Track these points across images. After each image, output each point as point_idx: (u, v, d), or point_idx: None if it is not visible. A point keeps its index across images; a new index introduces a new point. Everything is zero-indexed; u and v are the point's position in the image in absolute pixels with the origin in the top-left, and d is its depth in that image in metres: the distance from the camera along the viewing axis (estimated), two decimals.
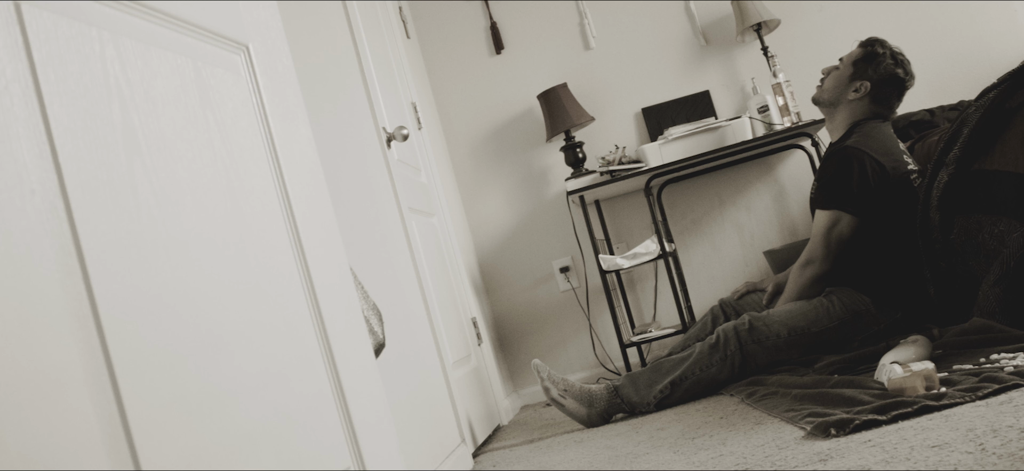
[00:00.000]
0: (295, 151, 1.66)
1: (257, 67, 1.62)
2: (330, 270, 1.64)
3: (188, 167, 1.30)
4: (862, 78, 3.64)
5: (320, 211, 1.69)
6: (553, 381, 3.55)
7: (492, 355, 4.83)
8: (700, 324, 3.95)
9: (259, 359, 1.33)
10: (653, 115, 5.26)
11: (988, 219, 2.83)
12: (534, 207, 5.42)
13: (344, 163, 3.09)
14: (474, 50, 5.51)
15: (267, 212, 1.50)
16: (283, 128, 1.64)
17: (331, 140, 3.01)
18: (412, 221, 3.81)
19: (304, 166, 1.68)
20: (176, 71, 1.36)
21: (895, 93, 3.62)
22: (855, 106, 3.64)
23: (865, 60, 3.65)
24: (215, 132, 1.41)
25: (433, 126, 5.21)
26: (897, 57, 3.62)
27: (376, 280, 2.97)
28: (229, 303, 1.29)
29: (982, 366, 2.44)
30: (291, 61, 1.79)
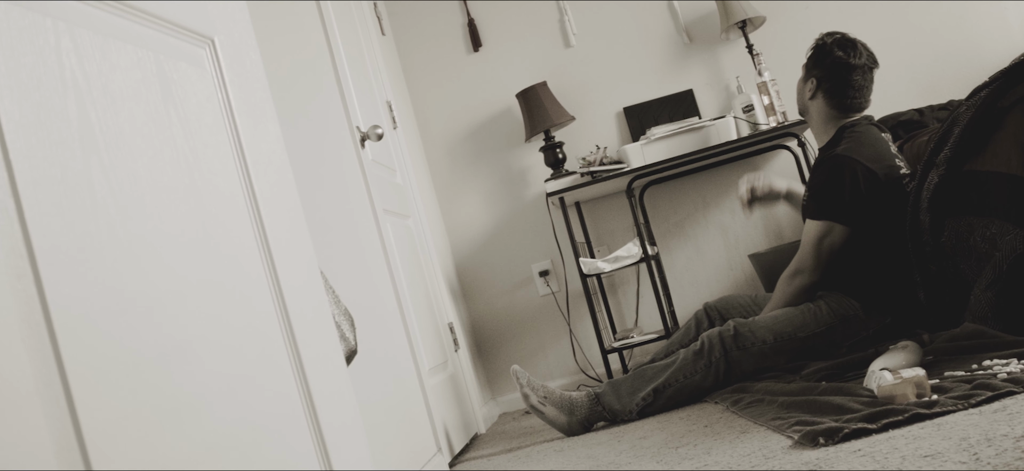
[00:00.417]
0: (263, 149, 1.63)
1: (223, 61, 1.59)
2: (299, 274, 1.61)
3: (149, 165, 1.27)
4: (810, 76, 3.65)
5: (289, 212, 1.66)
6: (532, 388, 3.52)
7: (469, 361, 4.81)
8: (684, 329, 3.93)
9: (224, 367, 1.30)
10: (635, 114, 5.25)
11: (980, 221, 2.82)
12: (513, 209, 5.40)
13: (316, 163, 3.07)
14: (451, 47, 5.49)
15: (233, 213, 1.47)
16: (250, 125, 1.61)
17: (302, 139, 2.98)
18: (387, 223, 3.78)
19: (272, 165, 1.65)
20: (137, 65, 1.32)
21: (849, 80, 3.56)
22: (819, 106, 3.64)
23: (812, 57, 3.65)
24: (178, 129, 1.38)
25: (409, 126, 5.19)
26: (843, 43, 3.58)
27: (349, 284, 2.94)
28: (192, 307, 1.26)
29: (974, 373, 2.43)
30: (259, 55, 1.76)
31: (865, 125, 3.58)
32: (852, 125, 3.57)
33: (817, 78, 3.61)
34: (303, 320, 1.57)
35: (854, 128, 3.55)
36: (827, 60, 3.58)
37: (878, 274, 3.47)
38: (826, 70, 3.58)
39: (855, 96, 3.57)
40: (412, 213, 4.51)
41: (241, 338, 1.37)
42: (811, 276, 3.50)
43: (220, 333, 1.32)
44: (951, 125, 3.03)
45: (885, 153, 3.47)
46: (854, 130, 3.55)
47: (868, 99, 3.61)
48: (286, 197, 1.67)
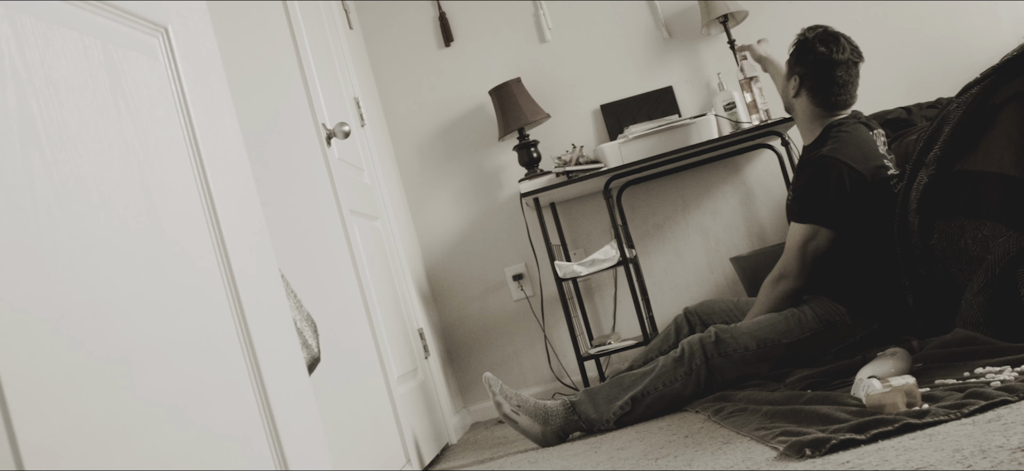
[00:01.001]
0: (220, 145, 1.59)
1: (177, 51, 1.55)
2: (259, 277, 1.58)
3: (95, 161, 1.23)
4: (793, 73, 3.65)
5: (248, 212, 1.62)
6: (505, 396, 3.50)
7: (440, 369, 4.79)
8: (663, 336, 3.91)
9: (177, 378, 1.26)
10: (613, 112, 5.24)
11: (971, 223, 2.81)
12: (485, 210, 5.38)
13: (279, 161, 3.04)
14: (421, 42, 5.46)
15: (187, 212, 1.43)
16: (206, 119, 1.57)
17: (264, 135, 2.95)
18: (354, 224, 3.76)
19: (230, 161, 1.61)
20: (83, 54, 1.28)
21: (833, 76, 3.55)
22: (804, 104, 3.64)
23: (794, 54, 3.66)
24: (128, 122, 1.34)
25: (377, 123, 5.17)
26: (826, 37, 3.57)
27: (313, 288, 2.91)
28: (142, 314, 1.23)
29: (966, 381, 2.41)
30: (216, 45, 1.72)
31: (853, 123, 3.57)
32: (839, 123, 3.56)
33: (800, 75, 3.60)
34: (262, 326, 1.53)
35: (841, 127, 3.54)
36: (809, 56, 3.57)
37: (865, 278, 3.46)
38: (809, 67, 3.57)
39: (840, 93, 3.56)
40: (380, 214, 4.48)
41: (195, 346, 1.34)
42: (796, 281, 3.49)
43: (172, 341, 1.28)
44: (941, 123, 3.02)
45: (872, 153, 3.46)
46: (841, 129, 3.53)
47: (854, 95, 3.60)
48: (244, 196, 1.63)
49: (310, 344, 1.90)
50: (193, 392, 1.29)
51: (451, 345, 5.37)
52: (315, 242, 3.20)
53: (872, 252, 3.42)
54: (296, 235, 2.97)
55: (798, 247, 3.47)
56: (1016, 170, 2.64)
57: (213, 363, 1.37)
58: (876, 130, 3.59)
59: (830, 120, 3.59)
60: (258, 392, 1.46)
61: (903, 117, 4.39)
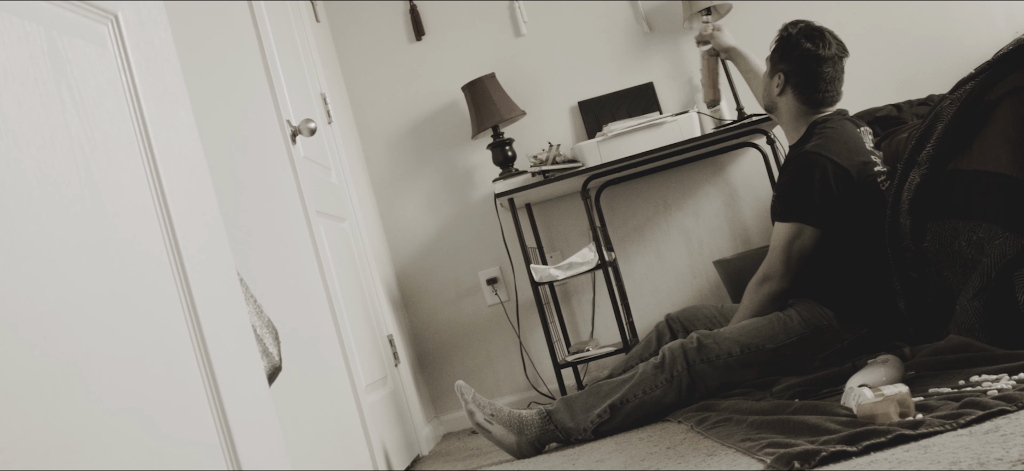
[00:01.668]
0: (173, 140, 1.55)
1: (128, 39, 1.51)
2: (215, 281, 1.54)
3: (36, 155, 1.19)
4: (776, 70, 3.65)
5: (203, 211, 1.58)
6: (479, 405, 3.48)
7: (411, 377, 4.78)
8: (644, 342, 3.90)
9: (124, 391, 1.23)
10: (591, 109, 5.23)
11: (965, 225, 2.80)
12: (458, 211, 5.36)
13: (239, 159, 3.01)
14: (391, 36, 5.43)
15: (137, 211, 1.39)
16: (159, 112, 1.53)
17: (223, 131, 2.92)
18: (320, 225, 3.75)
19: (184, 157, 1.57)
20: (23, 40, 1.24)
21: (820, 72, 3.55)
22: (788, 102, 3.64)
23: (777, 50, 3.66)
24: (73, 114, 1.30)
25: (345, 120, 5.15)
26: (810, 32, 3.58)
27: (275, 293, 2.88)
28: (87, 322, 1.19)
29: (962, 389, 2.40)
30: (170, 34, 1.68)
31: (838, 120, 3.57)
32: (824, 120, 3.56)
33: (785, 72, 3.59)
34: (219, 333, 1.50)
35: (826, 123, 3.55)
36: (794, 53, 3.57)
37: (854, 281, 3.45)
38: (794, 63, 3.57)
39: (826, 89, 3.56)
40: (348, 215, 4.47)
41: (146, 354, 1.30)
42: (780, 282, 3.48)
43: (121, 349, 1.25)
44: (933, 121, 3.02)
45: (858, 149, 3.47)
46: (826, 126, 3.54)
47: (840, 91, 3.61)
48: (200, 194, 1.59)
49: (271, 352, 1.86)
50: (143, 404, 1.25)
51: (422, 352, 5.34)
52: (278, 244, 3.17)
53: (861, 254, 3.42)
54: (258, 237, 2.94)
55: (782, 247, 3.46)
56: (1013, 169, 2.63)
57: (165, 373, 1.33)
58: (863, 127, 3.59)
59: (815, 117, 3.59)
60: (214, 403, 1.43)
61: (893, 115, 4.39)
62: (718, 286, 5.12)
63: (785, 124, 3.69)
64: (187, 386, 1.38)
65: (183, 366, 1.38)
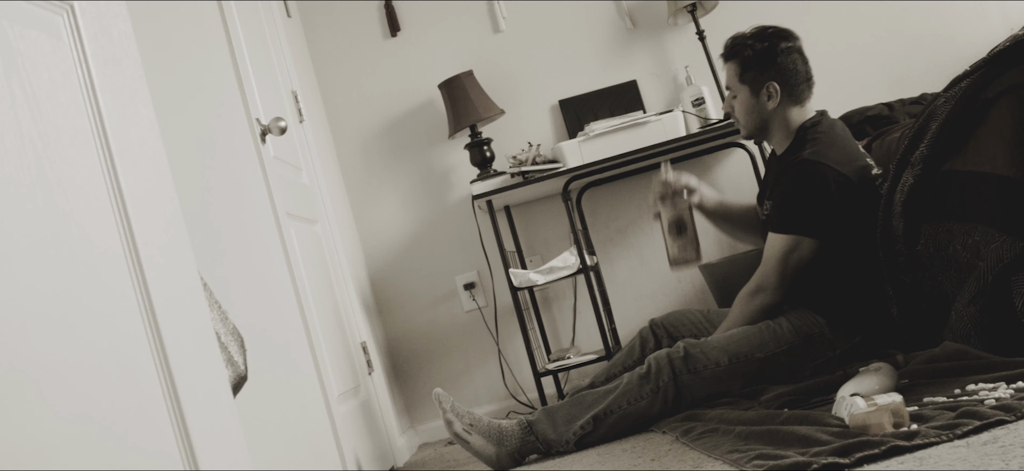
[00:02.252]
0: (132, 137, 1.52)
1: (84, 31, 1.49)
2: (176, 286, 1.51)
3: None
4: (764, 81, 3.59)
5: (164, 212, 1.55)
6: (457, 414, 3.45)
7: (385, 385, 4.76)
8: (627, 350, 3.87)
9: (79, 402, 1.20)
10: (572, 108, 5.23)
11: (961, 227, 2.79)
12: (434, 214, 5.35)
13: (206, 157, 2.98)
14: (365, 32, 5.42)
15: (93, 212, 1.37)
16: (117, 107, 1.50)
17: (188, 130, 2.89)
18: (290, 228, 3.72)
19: (144, 156, 1.54)
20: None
21: (803, 63, 3.58)
22: (782, 110, 3.60)
23: (755, 63, 3.60)
24: (24, 109, 1.27)
25: (317, 119, 5.13)
26: (778, 31, 3.59)
27: (243, 299, 2.86)
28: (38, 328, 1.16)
29: (958, 399, 2.38)
30: (130, 26, 1.65)
31: (827, 121, 3.57)
32: (813, 124, 3.55)
33: (778, 82, 3.56)
34: (179, 341, 1.47)
35: (816, 127, 3.54)
36: (778, 56, 3.55)
37: (846, 287, 3.44)
38: (781, 66, 3.56)
39: (810, 77, 3.61)
40: (320, 218, 4.45)
41: (102, 363, 1.28)
42: (774, 295, 3.47)
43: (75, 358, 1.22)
44: (927, 120, 3.01)
45: (854, 151, 3.47)
46: (816, 129, 3.53)
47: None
48: (161, 195, 1.56)
49: (236, 361, 1.83)
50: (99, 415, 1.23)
51: (397, 360, 5.32)
52: (246, 248, 3.15)
53: (854, 259, 3.41)
54: (224, 240, 2.91)
55: (779, 259, 3.44)
56: (1010, 170, 2.62)
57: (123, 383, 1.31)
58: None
59: (803, 121, 3.58)
60: (174, 414, 1.40)
61: (884, 114, 4.40)
62: (704, 291, 5.11)
63: (777, 135, 3.65)
64: (145, 395, 1.35)
65: (141, 374, 1.36)
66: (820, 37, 5.17)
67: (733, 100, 3.68)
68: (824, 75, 5.10)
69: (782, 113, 3.59)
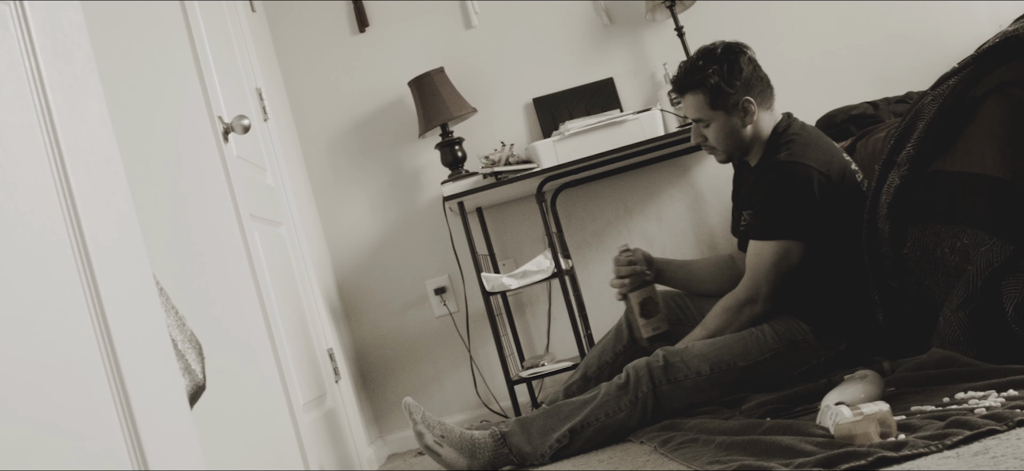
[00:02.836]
0: (83, 133, 1.49)
1: (32, 21, 1.46)
2: (129, 290, 1.48)
3: None
4: (736, 100, 3.57)
5: (117, 213, 1.52)
6: (428, 425, 3.44)
7: (353, 394, 4.74)
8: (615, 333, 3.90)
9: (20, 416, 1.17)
10: (547, 107, 5.23)
11: (949, 230, 2.80)
12: (404, 216, 5.34)
13: (164, 156, 2.95)
14: (333, 27, 5.40)
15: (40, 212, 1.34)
16: (67, 101, 1.47)
17: (147, 127, 2.85)
18: (254, 230, 3.68)
19: (96, 154, 1.51)
20: None
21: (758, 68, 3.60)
22: (757, 124, 3.59)
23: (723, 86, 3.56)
24: None
25: (283, 117, 5.11)
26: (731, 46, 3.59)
27: (202, 304, 2.82)
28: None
29: (947, 408, 2.38)
30: (82, 18, 1.62)
31: (798, 122, 3.59)
32: (785, 127, 3.57)
33: (751, 97, 3.56)
34: (132, 349, 1.44)
35: (789, 130, 3.55)
36: (742, 72, 3.55)
37: (831, 292, 3.44)
38: (747, 79, 3.56)
39: (771, 86, 3.63)
40: (285, 220, 4.42)
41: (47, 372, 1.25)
42: (766, 305, 3.46)
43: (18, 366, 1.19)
44: (914, 119, 3.01)
45: (830, 149, 3.48)
46: (789, 131, 3.54)
47: None
48: (113, 193, 1.53)
49: (194, 369, 1.80)
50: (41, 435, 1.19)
51: (365, 367, 5.30)
52: (207, 251, 3.11)
53: (838, 263, 3.41)
54: (183, 243, 2.88)
55: (769, 267, 3.42)
56: (999, 170, 2.63)
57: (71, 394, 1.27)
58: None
59: (773, 126, 3.59)
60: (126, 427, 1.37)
61: (869, 113, 4.41)
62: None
63: (753, 148, 3.65)
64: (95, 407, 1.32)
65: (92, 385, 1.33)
66: (802, 34, 5.18)
67: (705, 130, 3.65)
68: (806, 74, 5.14)
69: (758, 126, 3.59)
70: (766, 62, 3.62)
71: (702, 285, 3.95)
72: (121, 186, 1.56)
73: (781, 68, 5.03)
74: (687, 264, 4.02)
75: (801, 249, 3.39)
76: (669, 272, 3.97)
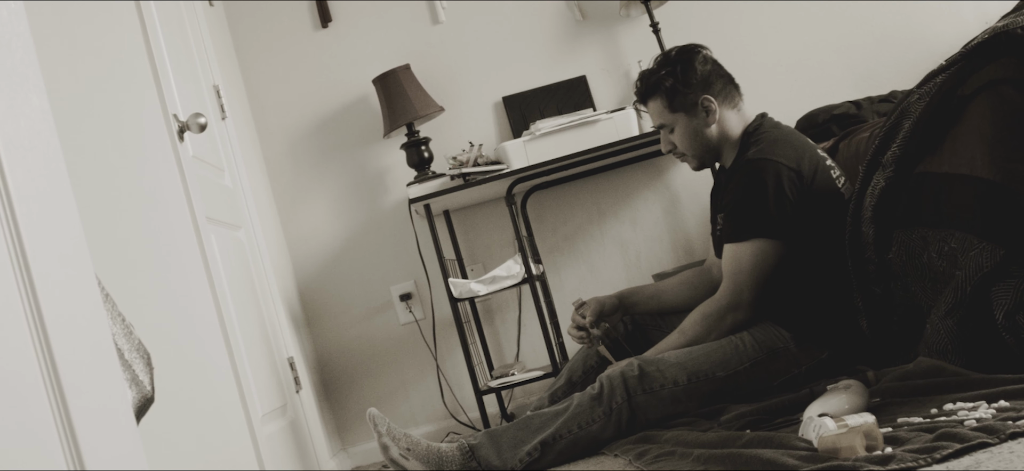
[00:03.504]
0: (22, 127, 1.44)
1: None
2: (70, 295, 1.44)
3: None
4: (692, 101, 3.59)
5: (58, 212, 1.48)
6: (393, 437, 3.42)
7: (315, 404, 4.72)
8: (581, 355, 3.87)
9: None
10: (517, 105, 5.23)
11: (936, 234, 2.79)
12: (368, 219, 5.33)
13: (115, 155, 2.91)
14: (294, 22, 5.39)
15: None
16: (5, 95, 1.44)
17: (96, 124, 2.82)
18: (211, 234, 3.67)
19: (36, 149, 1.47)
20: None
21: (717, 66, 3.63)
22: (722, 123, 3.61)
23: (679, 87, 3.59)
24: None
25: (242, 116, 5.09)
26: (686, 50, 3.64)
27: (154, 311, 2.80)
28: None
29: (935, 419, 2.37)
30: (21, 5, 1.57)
31: (769, 121, 3.60)
32: (755, 127, 3.58)
33: (709, 94, 3.58)
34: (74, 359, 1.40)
35: (758, 129, 3.56)
36: (699, 74, 3.58)
37: (812, 298, 3.43)
38: (706, 80, 3.59)
39: (735, 83, 3.65)
40: (244, 223, 4.41)
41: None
42: (749, 311, 3.45)
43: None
44: (900, 118, 3.01)
45: (805, 147, 3.47)
46: (759, 131, 3.55)
47: None
48: (55, 193, 1.49)
49: (141, 381, 1.76)
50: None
51: (328, 377, 5.29)
52: (160, 256, 3.09)
53: (820, 268, 3.40)
54: (134, 246, 2.85)
55: (749, 271, 3.40)
56: (989, 172, 2.62)
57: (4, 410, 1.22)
58: None
59: (744, 127, 3.60)
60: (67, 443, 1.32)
61: (852, 113, 4.42)
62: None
63: (723, 150, 3.66)
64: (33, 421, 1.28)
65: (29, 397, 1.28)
66: (781, 31, 5.19)
67: (670, 136, 3.68)
68: (785, 72, 5.15)
69: (723, 125, 3.60)
70: (743, 60, 3.64)
71: (676, 307, 3.94)
72: (62, 185, 1.52)
73: (759, 66, 5.06)
74: (659, 293, 4.00)
75: (777, 249, 3.38)
76: (640, 303, 3.99)
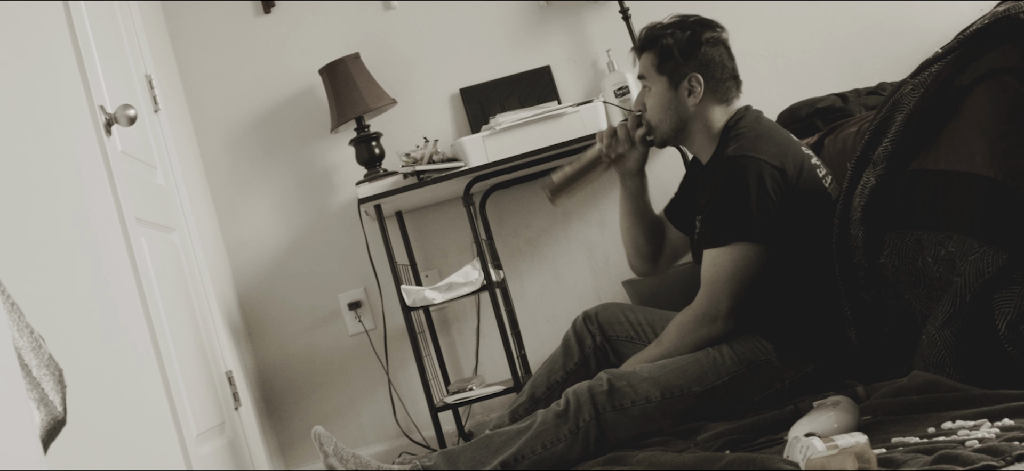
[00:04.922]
0: None
1: None
2: None
3: None
4: (683, 74, 3.57)
5: None
6: (340, 457, 3.41)
7: (256, 422, 4.71)
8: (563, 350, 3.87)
9: None
10: (475, 98, 5.24)
11: (932, 236, 2.80)
12: (314, 221, 5.33)
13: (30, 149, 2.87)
14: (234, 7, 5.37)
15: None
16: None
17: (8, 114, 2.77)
18: (141, 236, 3.64)
19: None
20: None
21: (730, 58, 3.61)
22: (704, 110, 3.60)
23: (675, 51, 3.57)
24: None
25: (176, 109, 5.07)
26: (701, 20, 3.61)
27: (73, 322, 2.75)
28: None
29: (934, 439, 2.36)
30: None
31: (751, 114, 3.59)
32: (736, 121, 3.56)
33: (702, 74, 3.56)
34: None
35: (739, 123, 3.55)
36: (702, 48, 3.56)
37: (796, 307, 3.42)
38: (706, 60, 3.57)
39: (736, 73, 3.63)
40: (179, 225, 4.39)
41: None
42: (727, 324, 3.42)
43: None
44: (891, 111, 3.02)
45: (788, 144, 3.47)
46: (739, 125, 3.54)
47: None
48: None
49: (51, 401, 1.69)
50: None
51: (270, 392, 5.28)
52: (81, 260, 3.04)
53: (805, 274, 3.39)
54: (48, 249, 2.80)
55: (728, 278, 3.38)
56: (990, 169, 2.62)
57: None
58: None
59: (726, 120, 3.59)
60: None
61: (838, 106, 4.45)
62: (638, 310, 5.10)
63: (697, 139, 3.64)
64: None
65: None
66: (762, 18, 5.20)
67: (647, 97, 3.65)
68: (767, 63, 5.15)
69: (704, 113, 3.58)
70: None
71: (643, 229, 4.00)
72: None
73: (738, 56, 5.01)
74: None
75: (760, 254, 3.36)
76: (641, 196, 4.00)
